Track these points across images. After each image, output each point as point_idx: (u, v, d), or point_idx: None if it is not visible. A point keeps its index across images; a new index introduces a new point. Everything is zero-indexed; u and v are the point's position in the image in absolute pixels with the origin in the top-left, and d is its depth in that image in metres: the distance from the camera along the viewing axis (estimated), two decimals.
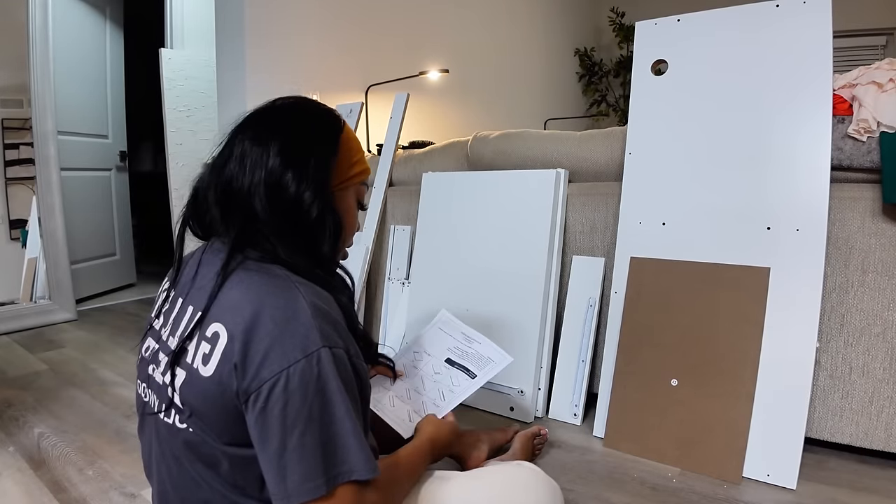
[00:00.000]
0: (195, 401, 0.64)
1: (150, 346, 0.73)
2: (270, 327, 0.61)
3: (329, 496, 0.59)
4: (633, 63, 1.48)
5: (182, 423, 0.66)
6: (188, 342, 0.65)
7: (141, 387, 0.74)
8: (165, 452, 0.69)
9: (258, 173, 0.69)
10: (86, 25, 3.10)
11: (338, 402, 0.61)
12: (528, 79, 4.42)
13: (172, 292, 0.73)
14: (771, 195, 1.25)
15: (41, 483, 1.20)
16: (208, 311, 0.65)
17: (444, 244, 1.76)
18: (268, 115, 0.75)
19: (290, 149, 0.71)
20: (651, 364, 1.33)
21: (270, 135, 0.71)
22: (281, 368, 0.59)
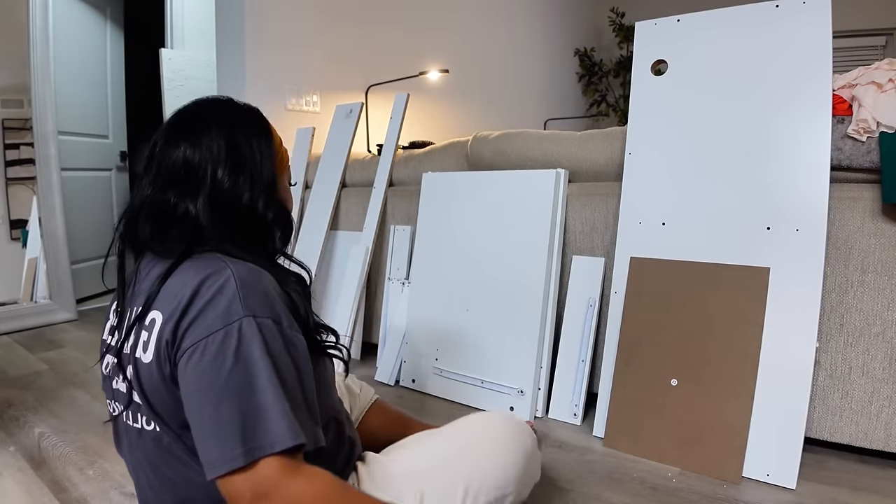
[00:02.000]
0: (147, 392, 0.64)
1: (108, 362, 0.73)
2: (199, 304, 0.61)
3: (248, 468, 0.56)
4: (633, 63, 1.48)
5: (148, 423, 0.66)
6: (128, 338, 0.66)
7: (111, 405, 0.74)
8: (140, 459, 0.69)
9: (204, 187, 0.69)
10: (86, 25, 3.10)
11: (260, 372, 0.59)
12: (528, 79, 4.42)
13: (119, 308, 0.73)
14: (771, 195, 1.25)
15: (42, 483, 1.20)
16: (150, 306, 0.65)
17: (444, 244, 1.76)
18: (197, 120, 0.73)
19: (234, 156, 0.71)
20: (651, 364, 1.33)
21: (209, 143, 0.70)
22: (200, 337, 0.60)
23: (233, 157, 0.71)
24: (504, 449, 0.81)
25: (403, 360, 1.79)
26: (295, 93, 2.58)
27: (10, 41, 2.63)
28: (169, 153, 0.71)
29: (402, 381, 1.78)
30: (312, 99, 2.67)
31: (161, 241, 0.69)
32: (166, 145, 0.72)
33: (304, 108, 2.63)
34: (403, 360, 1.79)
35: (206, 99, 0.79)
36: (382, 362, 1.85)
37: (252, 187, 0.71)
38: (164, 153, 0.71)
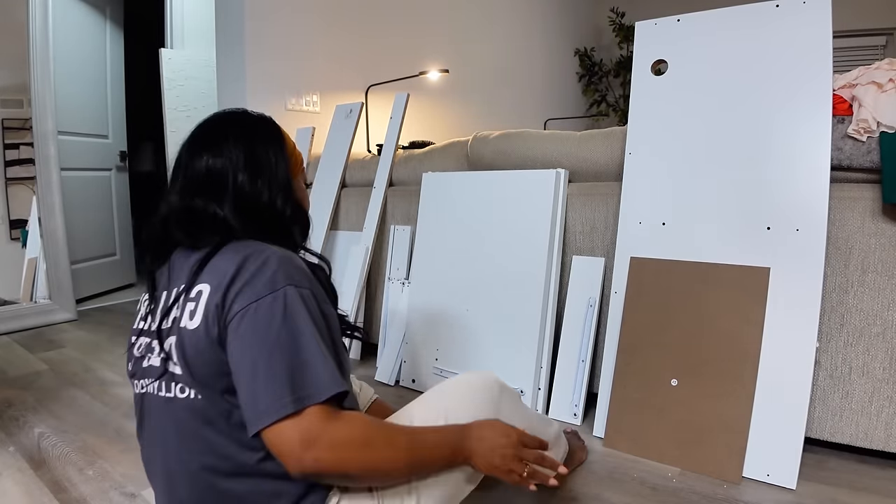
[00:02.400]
0: (190, 357, 0.69)
1: (141, 343, 0.77)
2: (245, 276, 0.68)
3: (296, 415, 0.62)
4: (633, 63, 1.48)
5: (183, 391, 0.70)
6: (172, 310, 0.72)
7: (138, 385, 0.77)
8: (167, 429, 0.72)
9: (227, 192, 0.77)
10: (86, 25, 3.10)
11: (305, 332, 0.66)
12: (528, 79, 4.42)
13: (151, 295, 0.78)
14: (771, 195, 1.25)
15: (41, 483, 1.20)
16: (195, 281, 0.71)
17: (444, 244, 1.76)
18: (216, 132, 0.81)
19: (252, 163, 0.79)
20: (651, 364, 1.33)
21: (229, 152, 0.78)
22: (250, 301, 0.66)
23: (251, 163, 0.79)
24: (477, 387, 0.86)
25: (403, 360, 1.79)
26: (295, 93, 2.58)
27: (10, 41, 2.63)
28: (193, 163, 0.78)
29: (403, 381, 1.78)
30: (312, 99, 2.67)
31: (196, 239, 0.75)
32: (190, 157, 0.79)
33: (304, 108, 2.63)
34: (403, 360, 1.79)
35: (224, 112, 0.86)
36: (382, 362, 1.85)
37: (270, 189, 0.79)
38: (189, 164, 0.78)
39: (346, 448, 0.63)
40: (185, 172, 0.78)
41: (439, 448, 0.72)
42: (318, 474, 0.63)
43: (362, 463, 0.65)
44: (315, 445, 0.61)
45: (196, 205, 0.76)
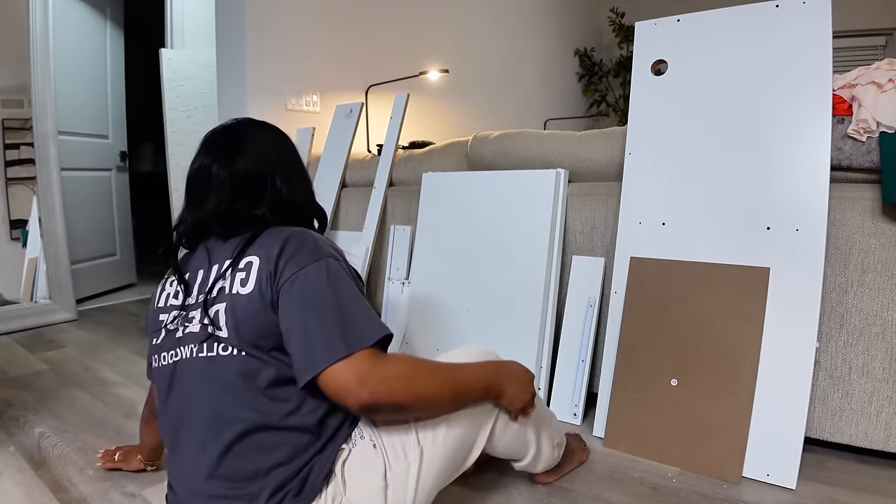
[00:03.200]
0: (241, 319, 0.77)
1: (172, 316, 0.84)
2: (292, 248, 0.79)
3: (349, 357, 0.71)
4: (633, 63, 1.48)
5: (225, 349, 0.78)
6: (218, 281, 0.80)
7: (168, 356, 0.83)
8: (204, 387, 0.78)
9: (266, 192, 0.88)
10: (86, 25, 3.10)
11: (348, 291, 0.77)
12: (528, 79, 4.42)
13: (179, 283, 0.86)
14: (771, 195, 1.25)
15: (41, 483, 1.20)
16: (243, 255, 0.81)
17: (443, 244, 1.76)
18: (241, 141, 0.90)
19: (284, 167, 0.91)
20: (651, 364, 1.33)
21: (262, 159, 0.90)
22: (299, 268, 0.77)
23: (283, 167, 0.91)
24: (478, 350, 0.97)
25: None
26: (295, 93, 2.58)
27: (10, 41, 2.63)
28: (230, 171, 0.87)
29: None
30: (312, 99, 2.67)
31: (234, 232, 0.86)
32: (222, 165, 0.87)
33: (304, 108, 2.63)
34: None
35: (237, 122, 0.95)
36: None
37: (301, 189, 0.94)
38: (223, 172, 0.87)
39: (395, 381, 0.73)
40: (218, 180, 0.87)
41: (476, 381, 0.83)
42: (375, 406, 0.72)
43: (410, 393, 0.75)
44: (368, 382, 0.71)
45: (236, 207, 0.86)
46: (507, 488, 1.16)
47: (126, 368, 1.97)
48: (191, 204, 0.89)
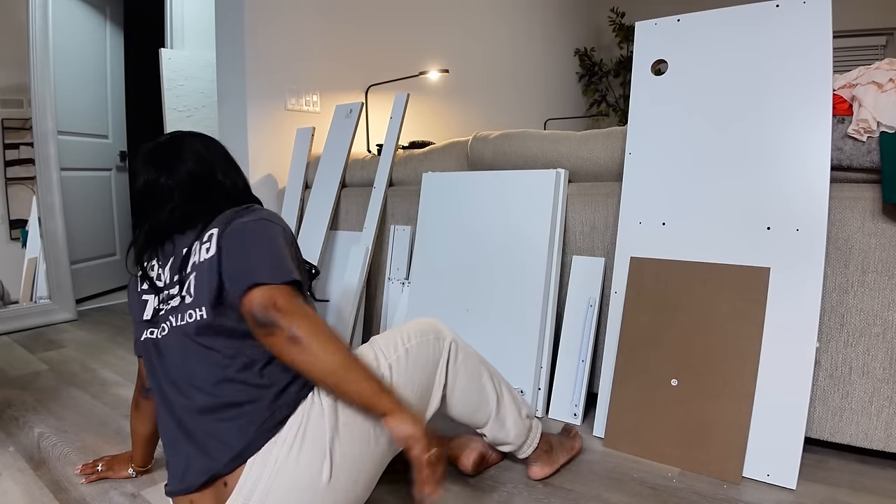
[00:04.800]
0: (205, 281, 0.89)
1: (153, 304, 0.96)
2: (243, 216, 0.93)
3: (276, 285, 0.82)
4: (633, 63, 1.48)
5: (192, 316, 0.89)
6: (189, 258, 0.93)
7: (158, 331, 0.94)
8: (186, 349, 0.89)
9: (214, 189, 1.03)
10: (86, 25, 3.10)
11: (280, 241, 0.90)
12: (528, 79, 4.42)
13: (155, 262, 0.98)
14: (771, 195, 1.25)
15: (41, 483, 1.20)
16: (205, 230, 0.94)
17: (444, 244, 1.76)
18: (176, 150, 1.03)
19: (218, 164, 1.06)
20: (651, 364, 1.33)
21: (203, 160, 1.04)
22: (244, 225, 0.91)
23: (219, 163, 1.06)
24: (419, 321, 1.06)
25: None
26: (295, 93, 2.58)
27: (10, 41, 2.62)
28: (177, 177, 1.00)
29: None
30: (312, 99, 2.67)
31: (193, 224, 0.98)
32: (168, 173, 1.00)
33: (304, 108, 2.63)
34: None
35: (168, 134, 1.08)
36: None
37: (240, 179, 1.09)
38: (171, 180, 1.00)
39: (302, 318, 0.79)
40: (168, 189, 0.99)
41: (366, 383, 0.82)
42: (273, 326, 0.79)
43: (308, 333, 0.79)
44: (279, 308, 0.79)
45: (191, 209, 0.99)
46: (507, 488, 1.16)
47: (126, 368, 1.97)
48: (145, 216, 1.00)
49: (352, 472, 0.86)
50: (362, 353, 0.97)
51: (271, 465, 0.82)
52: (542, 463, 1.19)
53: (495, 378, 1.13)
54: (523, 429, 1.15)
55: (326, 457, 0.84)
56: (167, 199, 0.99)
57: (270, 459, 0.82)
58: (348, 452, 0.86)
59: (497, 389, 1.12)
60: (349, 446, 0.86)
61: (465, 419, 1.11)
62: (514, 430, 1.14)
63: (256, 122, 2.43)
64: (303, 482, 0.83)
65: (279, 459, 0.82)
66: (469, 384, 1.07)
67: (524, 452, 1.17)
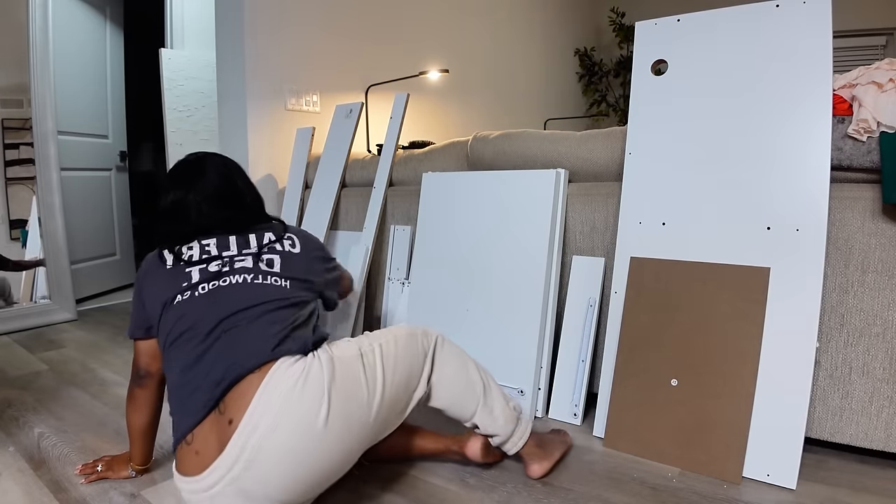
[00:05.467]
0: (292, 265, 1.16)
1: (213, 264, 1.11)
2: (311, 240, 1.28)
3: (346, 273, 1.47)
4: (633, 63, 1.48)
5: (276, 281, 1.12)
6: (273, 243, 1.18)
7: (209, 285, 1.08)
8: (257, 297, 1.07)
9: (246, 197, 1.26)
10: (86, 25, 3.10)
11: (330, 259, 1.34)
12: (528, 79, 4.42)
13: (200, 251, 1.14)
14: (771, 195, 1.25)
15: (41, 483, 1.20)
16: (284, 234, 1.22)
17: (444, 244, 1.76)
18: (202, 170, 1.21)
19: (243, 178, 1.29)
20: (651, 364, 1.33)
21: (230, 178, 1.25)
22: (321, 254, 1.29)
23: (242, 178, 1.28)
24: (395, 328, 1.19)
25: None
26: (295, 93, 2.58)
27: (10, 41, 2.62)
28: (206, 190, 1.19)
29: None
30: (312, 99, 2.67)
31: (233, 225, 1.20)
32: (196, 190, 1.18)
33: (304, 108, 2.63)
34: None
35: (196, 156, 1.25)
36: None
37: (254, 191, 1.30)
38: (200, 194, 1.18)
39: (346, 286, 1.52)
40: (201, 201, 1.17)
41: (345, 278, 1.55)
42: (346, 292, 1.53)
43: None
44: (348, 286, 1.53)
45: (226, 213, 1.19)
46: (507, 488, 1.16)
47: (126, 368, 1.97)
48: (174, 221, 1.16)
49: (344, 423, 0.96)
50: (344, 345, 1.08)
51: (277, 401, 0.91)
52: (538, 458, 1.20)
53: (481, 370, 1.20)
54: (511, 417, 1.19)
55: (325, 399, 0.93)
56: (197, 210, 1.16)
57: (276, 394, 0.92)
58: (343, 404, 0.96)
59: (483, 379, 1.19)
60: (344, 399, 0.96)
61: (454, 410, 1.17)
62: (503, 417, 1.17)
63: (256, 122, 2.43)
64: (302, 425, 0.91)
65: (283, 393, 0.92)
66: (456, 373, 1.16)
67: (516, 444, 1.19)
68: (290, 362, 0.97)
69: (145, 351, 1.15)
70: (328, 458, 0.95)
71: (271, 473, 0.91)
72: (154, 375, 1.15)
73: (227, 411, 0.94)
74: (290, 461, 0.91)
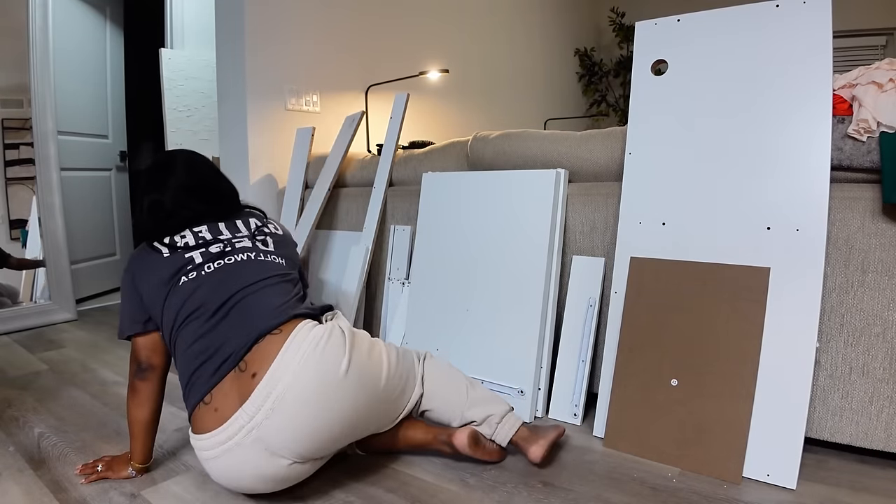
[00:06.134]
0: (280, 245, 1.28)
1: (213, 247, 1.18)
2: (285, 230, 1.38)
3: None
4: (633, 63, 1.48)
5: (276, 259, 1.23)
6: (262, 228, 1.28)
7: (214, 264, 1.15)
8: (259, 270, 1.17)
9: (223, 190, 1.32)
10: (86, 25, 3.10)
11: None
12: (528, 79, 4.42)
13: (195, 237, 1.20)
14: (771, 195, 1.25)
15: (41, 483, 1.20)
16: (268, 220, 1.34)
17: (444, 244, 1.76)
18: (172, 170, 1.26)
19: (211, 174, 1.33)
20: (651, 364, 1.33)
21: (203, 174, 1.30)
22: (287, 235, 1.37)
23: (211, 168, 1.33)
24: None
25: None
26: (295, 93, 2.58)
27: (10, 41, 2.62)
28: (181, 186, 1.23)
29: None
30: (312, 99, 2.67)
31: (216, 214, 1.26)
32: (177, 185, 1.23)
33: (303, 108, 2.63)
34: None
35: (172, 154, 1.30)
36: None
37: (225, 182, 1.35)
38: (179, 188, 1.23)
39: None
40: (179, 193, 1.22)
41: None
42: None
43: None
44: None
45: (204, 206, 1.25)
46: (507, 488, 1.16)
47: (126, 368, 1.97)
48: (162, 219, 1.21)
49: (360, 379, 1.05)
50: None
51: (300, 356, 1.00)
52: (533, 441, 1.22)
53: (466, 376, 1.32)
54: (499, 405, 1.26)
55: (346, 355, 1.04)
56: (177, 206, 1.21)
57: (300, 352, 1.01)
58: (361, 361, 1.06)
59: (468, 379, 1.31)
60: (361, 361, 1.06)
61: (442, 411, 1.26)
62: (491, 404, 1.26)
63: (256, 122, 2.43)
64: (324, 374, 1.00)
65: (307, 351, 1.01)
66: (442, 374, 1.28)
67: (507, 432, 1.23)
68: (310, 325, 1.07)
69: (144, 345, 1.17)
70: (345, 410, 1.03)
71: (293, 420, 0.98)
72: (156, 368, 1.17)
73: (248, 368, 1.02)
74: (312, 409, 0.99)
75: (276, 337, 1.04)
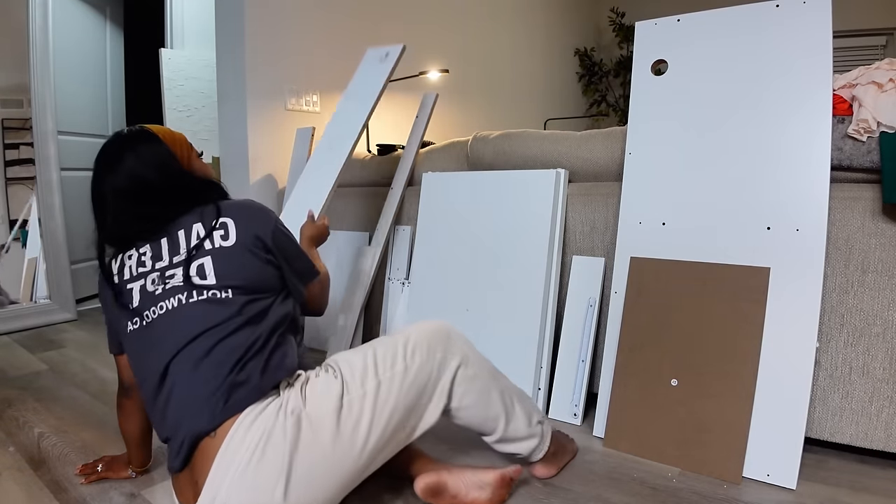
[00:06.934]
0: (224, 264, 0.98)
1: (150, 280, 0.99)
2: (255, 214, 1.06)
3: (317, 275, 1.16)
4: (633, 63, 1.48)
5: (209, 292, 0.96)
6: (204, 241, 0.99)
7: (150, 312, 0.97)
8: (188, 320, 0.94)
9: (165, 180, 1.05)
10: (86, 25, 3.10)
11: (293, 238, 1.12)
12: (528, 79, 4.41)
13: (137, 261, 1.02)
14: (771, 195, 1.25)
15: (41, 483, 1.20)
16: (219, 219, 1.01)
17: (444, 244, 1.76)
18: (116, 157, 1.04)
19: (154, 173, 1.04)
20: (651, 364, 1.33)
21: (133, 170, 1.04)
22: (269, 226, 1.05)
23: (153, 170, 1.04)
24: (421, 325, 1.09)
25: None
26: (295, 93, 2.58)
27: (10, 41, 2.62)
28: (122, 189, 1.03)
29: None
30: (312, 99, 2.67)
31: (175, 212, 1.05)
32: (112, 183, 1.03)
33: (304, 108, 2.63)
34: None
35: (117, 138, 1.07)
36: None
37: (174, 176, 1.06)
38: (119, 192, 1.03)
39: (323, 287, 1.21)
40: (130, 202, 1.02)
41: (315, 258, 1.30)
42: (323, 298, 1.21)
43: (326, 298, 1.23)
44: (325, 289, 1.21)
45: (151, 209, 1.03)
46: None
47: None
48: (108, 224, 1.04)
49: (307, 490, 0.89)
50: (352, 358, 0.99)
51: (232, 474, 0.86)
52: (546, 464, 1.18)
53: (506, 394, 1.11)
54: (532, 444, 1.14)
55: (283, 473, 0.87)
56: (114, 208, 1.03)
57: (232, 468, 0.86)
58: (307, 470, 0.89)
59: (507, 407, 1.10)
60: (308, 466, 0.89)
61: (471, 429, 1.11)
62: (523, 444, 1.13)
63: (256, 122, 2.43)
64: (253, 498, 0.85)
65: (241, 468, 0.86)
66: (477, 402, 1.06)
67: (532, 459, 1.16)
68: (249, 420, 0.88)
69: (125, 364, 1.11)
70: None
71: None
72: (137, 387, 1.09)
73: (193, 473, 0.91)
74: None
75: (212, 442, 0.88)
